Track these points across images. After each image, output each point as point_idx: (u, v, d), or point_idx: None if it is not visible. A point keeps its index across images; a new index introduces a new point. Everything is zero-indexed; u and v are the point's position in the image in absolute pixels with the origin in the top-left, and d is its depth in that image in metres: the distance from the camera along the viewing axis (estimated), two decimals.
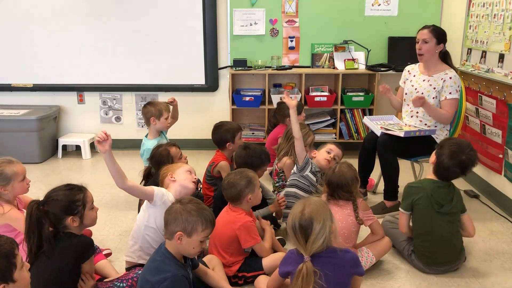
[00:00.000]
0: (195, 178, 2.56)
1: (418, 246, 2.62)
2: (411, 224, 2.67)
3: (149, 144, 3.33)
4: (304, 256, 1.93)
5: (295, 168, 3.03)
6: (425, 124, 3.35)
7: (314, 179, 3.01)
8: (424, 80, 3.34)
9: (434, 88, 3.28)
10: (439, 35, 3.26)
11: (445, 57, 3.35)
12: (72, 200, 2.08)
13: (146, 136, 3.51)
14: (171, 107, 3.59)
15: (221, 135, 3.28)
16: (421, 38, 3.27)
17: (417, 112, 3.37)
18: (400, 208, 2.66)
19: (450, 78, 3.24)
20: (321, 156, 3.05)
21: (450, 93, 3.24)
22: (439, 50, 3.28)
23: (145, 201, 2.43)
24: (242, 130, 3.40)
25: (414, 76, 3.44)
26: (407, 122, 3.44)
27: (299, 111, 3.92)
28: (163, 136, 3.53)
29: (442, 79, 3.26)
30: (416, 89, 3.36)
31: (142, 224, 2.41)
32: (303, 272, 1.89)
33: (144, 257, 2.41)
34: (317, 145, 3.17)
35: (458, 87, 3.25)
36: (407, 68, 3.56)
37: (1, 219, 2.46)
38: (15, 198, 2.59)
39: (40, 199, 2.10)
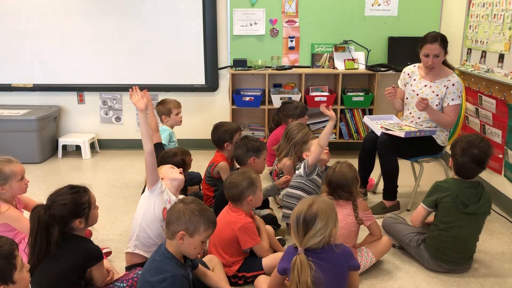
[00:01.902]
0: (180, 170, 2.65)
1: (433, 238, 2.60)
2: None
3: (165, 128, 3.60)
4: (298, 249, 1.96)
5: (302, 171, 2.98)
6: (425, 128, 3.34)
7: (320, 180, 3.01)
8: (426, 86, 3.32)
9: (437, 95, 3.26)
10: (446, 44, 3.22)
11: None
12: (79, 203, 2.09)
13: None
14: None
15: (220, 135, 3.28)
16: (433, 54, 3.18)
17: (418, 118, 3.36)
18: (422, 203, 2.63)
19: (453, 84, 3.23)
20: None
21: (452, 99, 3.24)
22: (444, 58, 3.28)
23: (144, 191, 2.49)
24: (241, 131, 3.39)
25: (415, 80, 3.41)
26: (407, 124, 3.44)
27: (303, 113, 3.93)
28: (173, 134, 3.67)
29: (445, 86, 3.25)
30: (417, 94, 3.34)
31: (140, 213, 2.45)
32: (297, 264, 1.92)
33: (140, 247, 2.43)
34: None
35: (460, 92, 3.25)
36: (406, 70, 3.51)
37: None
38: (13, 197, 2.59)
39: (43, 203, 2.10)
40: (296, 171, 3.08)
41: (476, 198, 2.53)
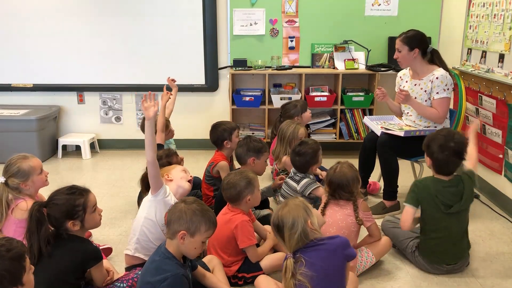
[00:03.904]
0: (191, 176, 2.62)
1: (424, 243, 2.60)
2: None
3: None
4: (287, 254, 2.02)
5: (299, 187, 2.99)
6: (424, 127, 3.34)
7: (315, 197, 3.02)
8: (415, 85, 3.34)
9: (425, 91, 3.27)
10: (410, 41, 3.25)
11: (432, 57, 3.32)
12: (72, 205, 2.08)
13: None
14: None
15: (218, 134, 3.29)
16: (396, 47, 3.32)
17: (416, 117, 3.35)
18: (404, 203, 2.60)
19: (437, 78, 3.22)
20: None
21: (437, 92, 3.22)
22: (415, 55, 3.26)
23: (148, 195, 2.45)
24: (239, 129, 3.39)
25: (406, 82, 3.43)
26: (407, 124, 3.44)
27: (305, 108, 3.92)
28: (171, 141, 3.59)
29: (430, 80, 3.25)
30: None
31: (142, 216, 2.43)
32: (283, 268, 2.01)
33: (140, 251, 2.42)
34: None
35: (446, 85, 3.21)
36: (399, 74, 3.56)
37: (24, 213, 2.45)
38: (37, 192, 2.64)
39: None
40: (291, 181, 3.06)
41: (458, 197, 2.50)
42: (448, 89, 3.22)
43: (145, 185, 2.98)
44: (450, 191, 2.51)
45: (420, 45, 3.27)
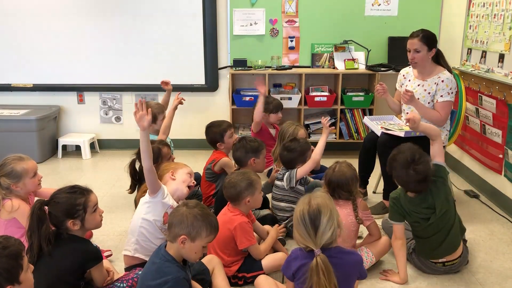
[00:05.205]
0: (193, 183, 2.60)
1: (417, 244, 2.62)
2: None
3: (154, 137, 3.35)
4: (315, 250, 1.88)
5: (285, 184, 2.98)
6: None
7: (303, 189, 3.01)
8: (419, 85, 3.31)
9: (429, 93, 3.25)
10: (429, 41, 3.18)
11: (437, 58, 3.29)
12: (72, 204, 2.08)
13: None
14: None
15: (211, 136, 3.32)
16: (412, 48, 3.19)
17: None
18: (391, 221, 2.58)
19: (443, 81, 3.20)
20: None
21: (441, 96, 3.20)
22: (431, 55, 3.22)
23: (145, 195, 2.44)
24: (231, 129, 3.35)
25: (410, 80, 3.41)
26: (407, 124, 3.44)
27: (276, 109, 3.95)
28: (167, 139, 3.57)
29: (435, 83, 3.22)
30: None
31: (139, 217, 2.42)
32: (320, 265, 1.83)
33: (140, 251, 2.41)
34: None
35: (451, 89, 3.19)
36: (402, 72, 3.52)
37: (9, 214, 2.47)
38: (27, 194, 2.62)
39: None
40: (277, 182, 3.06)
41: (432, 209, 2.49)
42: (452, 93, 3.21)
43: (132, 174, 2.99)
44: (422, 206, 2.50)
45: (436, 44, 3.23)
